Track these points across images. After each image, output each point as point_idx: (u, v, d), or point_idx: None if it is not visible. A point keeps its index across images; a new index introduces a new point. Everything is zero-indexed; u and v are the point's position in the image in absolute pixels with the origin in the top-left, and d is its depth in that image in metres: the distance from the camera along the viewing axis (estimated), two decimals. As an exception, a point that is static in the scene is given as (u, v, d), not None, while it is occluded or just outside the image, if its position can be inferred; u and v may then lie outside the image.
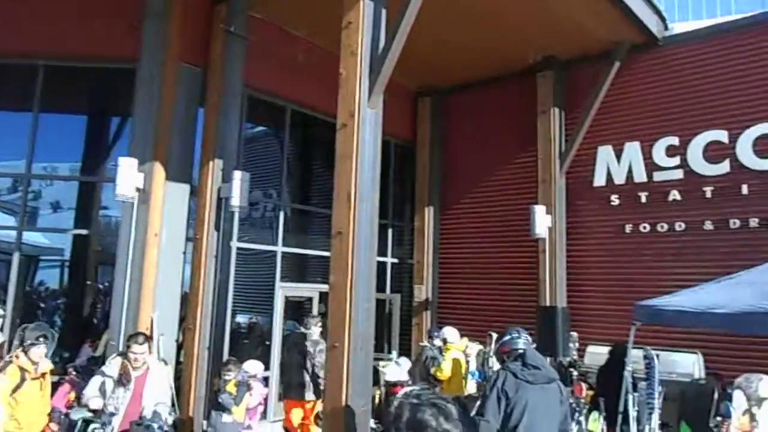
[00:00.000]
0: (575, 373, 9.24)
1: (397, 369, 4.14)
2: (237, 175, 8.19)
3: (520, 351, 4.01)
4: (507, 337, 4.22)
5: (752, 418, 4.23)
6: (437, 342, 7.77)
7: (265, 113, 10.41)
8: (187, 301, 8.42)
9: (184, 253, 8.57)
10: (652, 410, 4.85)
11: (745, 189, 8.98)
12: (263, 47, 9.41)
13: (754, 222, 8.85)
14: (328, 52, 6.76)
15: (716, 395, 4.54)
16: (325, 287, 7.01)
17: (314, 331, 7.38)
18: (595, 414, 5.05)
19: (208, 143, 8.61)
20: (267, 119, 10.64)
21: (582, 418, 5.15)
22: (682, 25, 10.29)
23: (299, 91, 10.24)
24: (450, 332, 7.42)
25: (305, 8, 9.29)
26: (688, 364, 8.15)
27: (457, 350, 7.06)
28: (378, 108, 6.54)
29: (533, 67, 11.01)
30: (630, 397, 5.00)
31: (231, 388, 6.47)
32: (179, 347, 8.41)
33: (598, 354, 9.04)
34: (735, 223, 9.01)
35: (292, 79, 10.11)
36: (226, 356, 8.15)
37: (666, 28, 10.20)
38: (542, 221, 10.16)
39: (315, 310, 10.18)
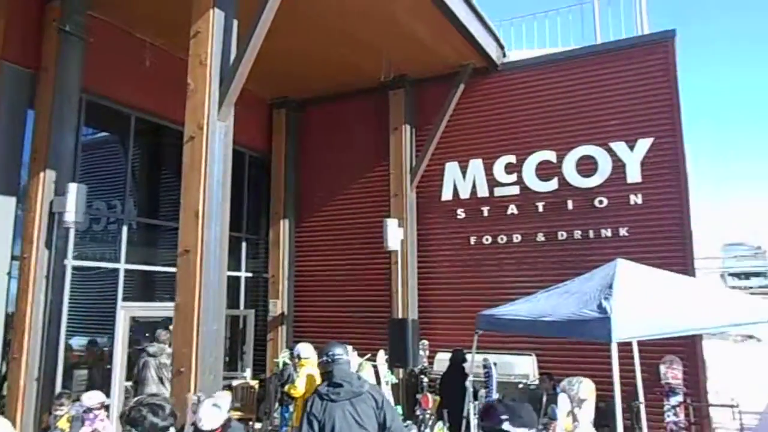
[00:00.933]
0: (426, 379, 9.66)
1: (215, 413, 3.82)
2: (72, 187, 7.51)
3: (329, 370, 4.14)
4: (322, 358, 4.29)
5: (574, 418, 4.71)
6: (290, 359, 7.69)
7: (108, 120, 9.69)
8: (12, 328, 7.56)
9: (9, 273, 7.70)
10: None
11: (570, 204, 9.99)
12: (105, 50, 8.77)
13: (577, 234, 9.86)
14: (180, 59, 6.46)
15: (545, 399, 4.97)
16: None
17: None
18: (439, 424, 5.29)
19: (38, 151, 7.81)
20: (109, 126, 9.91)
21: (427, 430, 5.37)
22: (517, 53, 11.23)
23: (146, 97, 9.67)
24: (304, 348, 7.39)
25: (152, 12, 8.84)
26: (525, 366, 8.85)
27: (312, 366, 7.04)
28: (228, 121, 6.38)
29: (386, 84, 11.38)
30: (471, 405, 5.31)
31: (63, 424, 5.88)
32: (3, 379, 7.53)
33: (446, 360, 9.54)
34: (562, 235, 9.98)
35: (139, 84, 9.53)
36: (59, 388, 7.42)
37: (504, 54, 11.08)
38: (394, 234, 10.49)
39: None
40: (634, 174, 9.58)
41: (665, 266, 7.37)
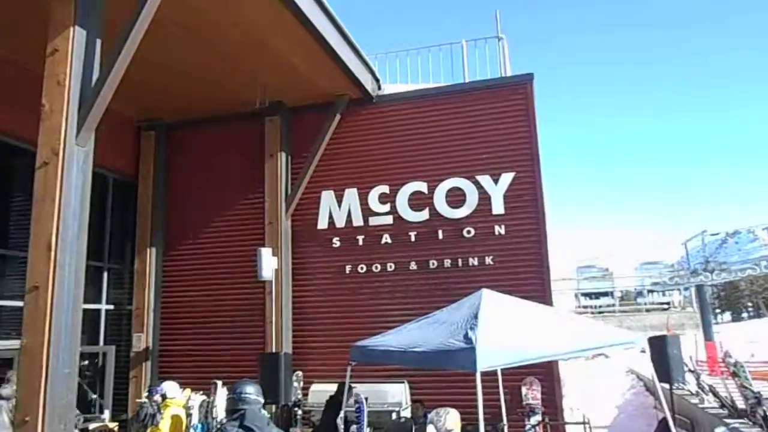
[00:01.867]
0: (300, 412, 9.49)
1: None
2: None
3: (241, 411, 3.95)
4: (229, 396, 4.12)
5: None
6: (157, 398, 7.23)
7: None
8: None
9: None
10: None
11: (441, 234, 10.41)
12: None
13: (447, 263, 10.28)
14: (38, 75, 5.93)
15: (414, 429, 5.07)
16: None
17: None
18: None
19: None
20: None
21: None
22: (392, 86, 11.61)
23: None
24: (170, 387, 6.98)
25: (2, 23, 8.10)
26: (397, 393, 9.00)
27: (177, 406, 6.67)
28: (88, 146, 5.96)
29: (262, 111, 11.25)
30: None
31: None
32: None
33: (321, 391, 9.44)
34: (434, 263, 10.36)
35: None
36: None
37: (379, 87, 11.41)
38: (269, 263, 10.29)
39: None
40: (498, 206, 10.20)
41: (526, 291, 7.92)
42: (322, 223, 11.14)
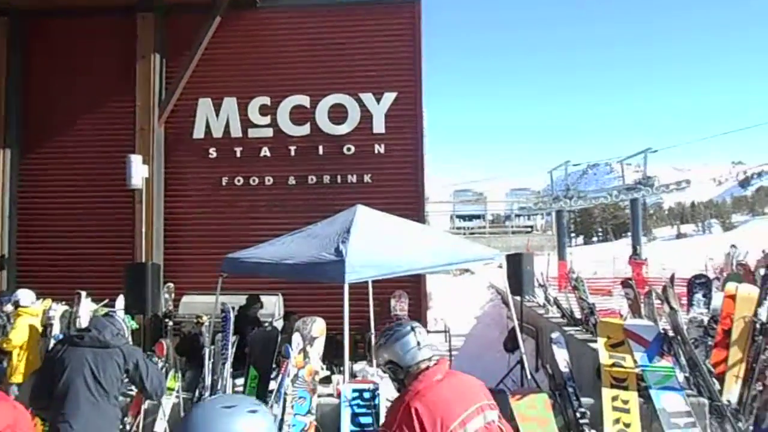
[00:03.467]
0: (171, 323, 9.39)
1: None
2: None
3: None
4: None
5: (305, 355, 5.08)
6: (8, 307, 6.81)
7: None
8: None
9: None
10: (226, 360, 5.31)
11: (321, 150, 10.38)
12: None
13: (326, 179, 10.34)
14: None
15: (280, 339, 5.24)
16: None
17: None
18: (172, 372, 5.25)
19: None
20: None
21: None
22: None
23: None
24: (24, 295, 6.59)
25: None
26: (270, 305, 9.15)
27: (31, 315, 6.33)
28: None
29: (134, 5, 10.27)
30: (206, 350, 5.36)
31: None
32: None
33: (192, 303, 9.38)
34: (312, 179, 10.37)
35: None
36: None
37: (263, -9, 10.79)
38: (138, 171, 9.78)
39: None
40: (379, 125, 10.29)
41: (402, 210, 8.19)
42: (198, 133, 10.65)
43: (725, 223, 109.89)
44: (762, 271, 7.44)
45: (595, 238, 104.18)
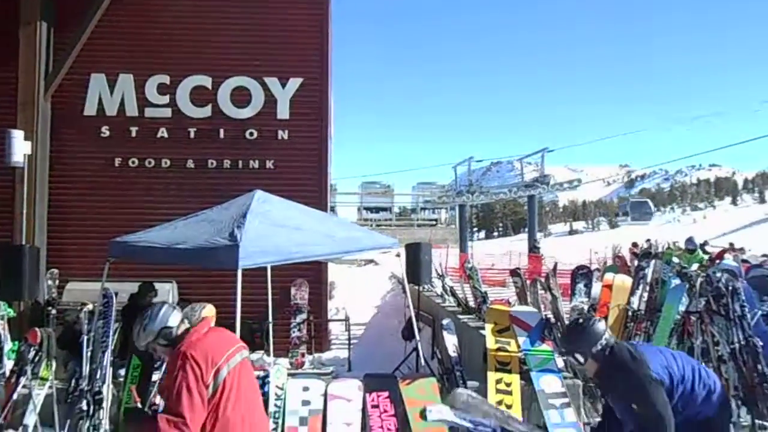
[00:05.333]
0: (54, 311, 8.80)
1: None
2: None
3: None
4: None
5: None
6: None
7: None
8: None
9: None
10: (106, 348, 5.06)
11: (222, 133, 10.07)
12: None
13: (227, 164, 10.05)
14: None
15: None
16: None
17: None
18: (45, 361, 4.92)
19: None
20: None
21: (28, 368, 4.89)
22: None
23: None
24: None
25: None
26: (164, 293, 8.79)
27: None
28: None
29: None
30: (84, 337, 5.07)
31: None
32: None
33: (77, 290, 8.83)
34: (212, 163, 10.04)
35: None
36: None
37: (168, -35, 10.27)
38: (20, 148, 9.04)
39: None
40: (283, 110, 10.12)
41: (304, 198, 8.08)
42: (90, 110, 10.01)
43: (612, 222, 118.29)
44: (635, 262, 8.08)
45: (496, 233, 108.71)
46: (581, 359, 3.09)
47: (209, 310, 4.33)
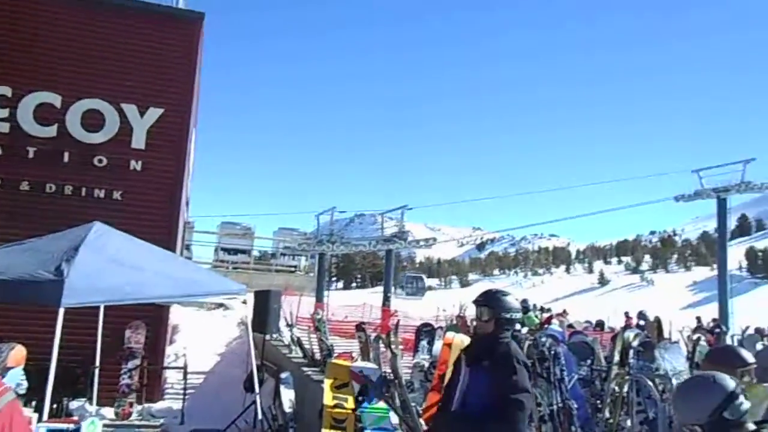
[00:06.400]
0: None
1: None
2: None
3: None
4: None
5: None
6: None
7: None
8: None
9: None
10: None
11: (66, 157, 9.28)
12: None
13: (68, 189, 9.23)
14: None
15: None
16: None
17: None
18: None
19: None
20: None
21: None
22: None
23: None
24: None
25: None
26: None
27: None
28: None
29: None
30: None
31: None
32: None
33: None
34: (51, 187, 9.18)
35: None
36: None
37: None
38: None
39: None
40: (139, 140, 9.59)
41: (151, 235, 7.60)
42: None
43: (463, 280, 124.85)
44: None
45: (354, 284, 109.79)
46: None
47: (18, 353, 3.87)
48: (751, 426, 2.38)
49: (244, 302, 6.53)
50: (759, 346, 9.28)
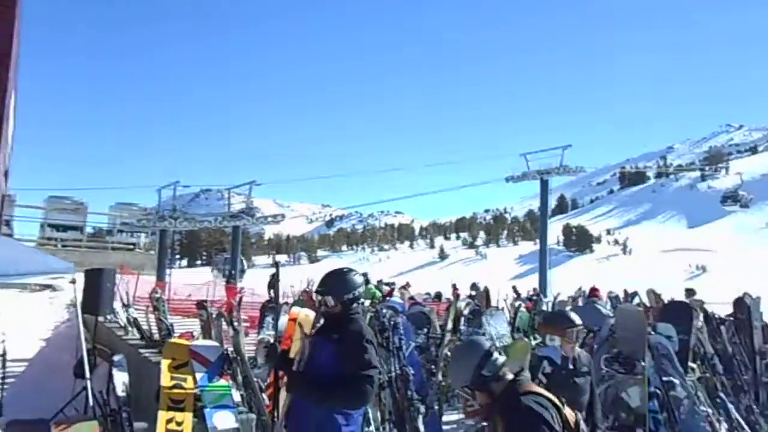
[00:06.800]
0: None
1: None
2: None
3: None
4: None
5: None
6: None
7: None
8: None
9: None
10: None
11: None
12: None
13: None
14: None
15: None
16: None
17: None
18: None
19: None
20: None
21: None
22: None
23: None
24: None
25: None
26: None
27: None
28: None
29: None
30: None
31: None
32: None
33: None
34: None
35: None
36: None
37: None
38: None
39: None
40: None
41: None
42: None
43: (311, 257, 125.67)
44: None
45: (199, 261, 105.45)
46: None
47: None
48: (510, 376, 2.80)
49: (73, 282, 6.07)
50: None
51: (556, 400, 2.69)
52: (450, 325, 8.40)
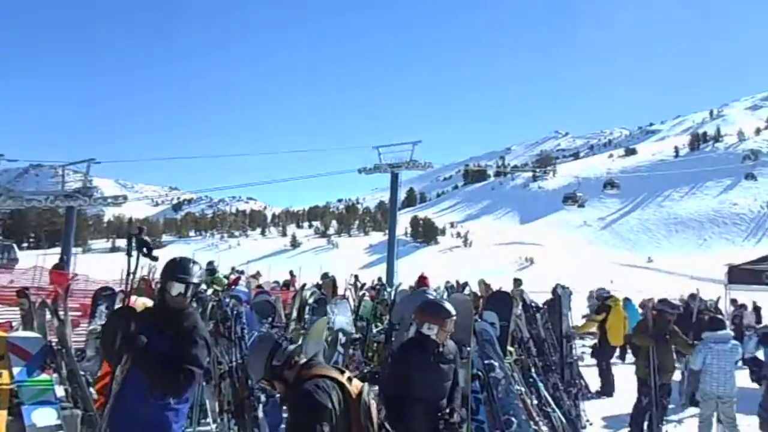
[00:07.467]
0: None
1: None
2: None
3: None
4: None
5: None
6: None
7: None
8: None
9: None
10: None
11: None
12: None
13: None
14: None
15: None
16: None
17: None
18: None
19: None
20: None
21: None
22: None
23: None
24: None
25: None
26: None
27: None
28: None
29: None
30: None
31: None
32: None
33: None
34: None
35: None
36: None
37: None
38: None
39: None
40: None
41: None
42: None
43: (156, 242, 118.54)
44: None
45: (26, 244, 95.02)
46: None
47: None
48: (302, 360, 3.03)
49: None
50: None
51: (342, 377, 2.89)
52: (295, 314, 8.51)
